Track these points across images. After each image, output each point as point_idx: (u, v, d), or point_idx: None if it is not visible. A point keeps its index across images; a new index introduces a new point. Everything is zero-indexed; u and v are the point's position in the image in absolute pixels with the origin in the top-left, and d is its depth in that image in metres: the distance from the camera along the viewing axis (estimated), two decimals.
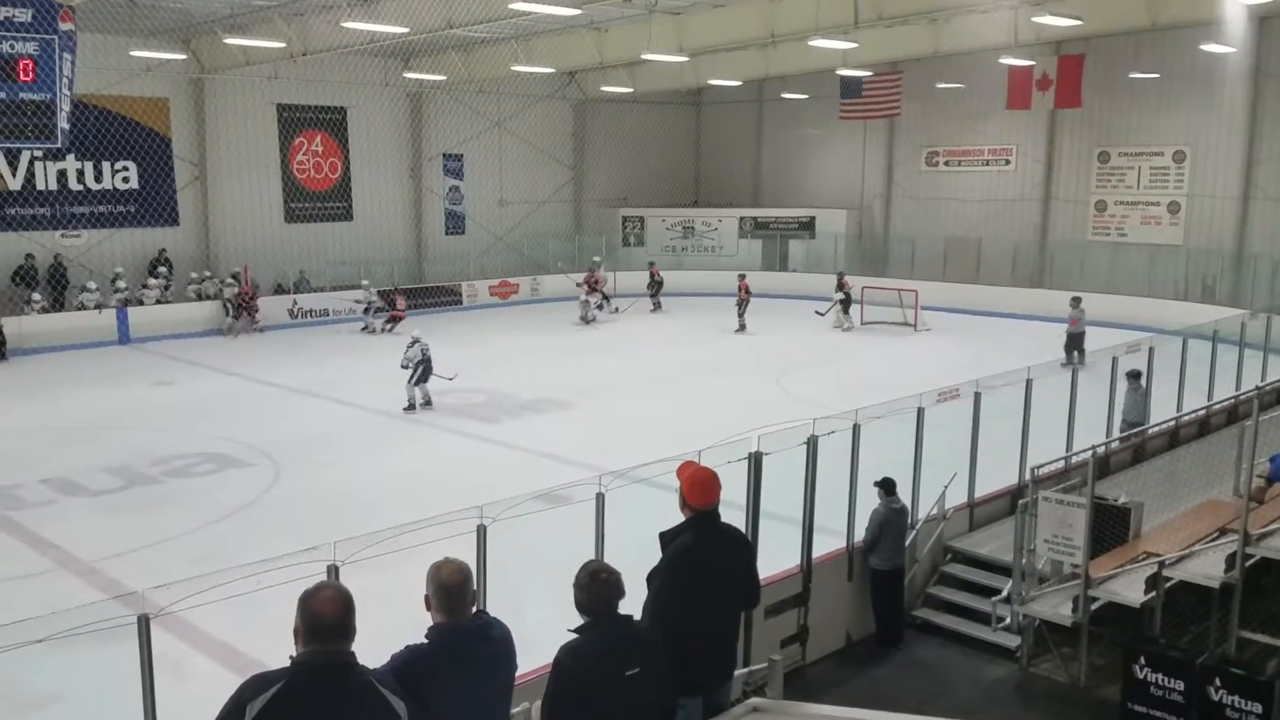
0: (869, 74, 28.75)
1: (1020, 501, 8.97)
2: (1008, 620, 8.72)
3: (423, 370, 17.36)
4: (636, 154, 35.95)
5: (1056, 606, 8.58)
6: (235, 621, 8.14)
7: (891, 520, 9.22)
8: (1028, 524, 8.65)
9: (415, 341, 17.43)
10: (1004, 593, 8.80)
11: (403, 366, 17.45)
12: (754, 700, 5.15)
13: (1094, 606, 8.40)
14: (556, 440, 15.51)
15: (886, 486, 9.32)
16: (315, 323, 26.40)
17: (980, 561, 9.84)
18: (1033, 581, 8.72)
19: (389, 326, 25.62)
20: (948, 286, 29.22)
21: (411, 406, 17.28)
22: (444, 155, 31.82)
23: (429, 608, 3.89)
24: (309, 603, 3.35)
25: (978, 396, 10.30)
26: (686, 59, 25.95)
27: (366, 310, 26.04)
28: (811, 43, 22.34)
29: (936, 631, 9.42)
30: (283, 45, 22.41)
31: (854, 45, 22.88)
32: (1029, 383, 10.79)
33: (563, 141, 34.94)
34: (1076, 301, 21.61)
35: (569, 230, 35.01)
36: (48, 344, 22.73)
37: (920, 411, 9.57)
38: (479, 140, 32.35)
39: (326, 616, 3.32)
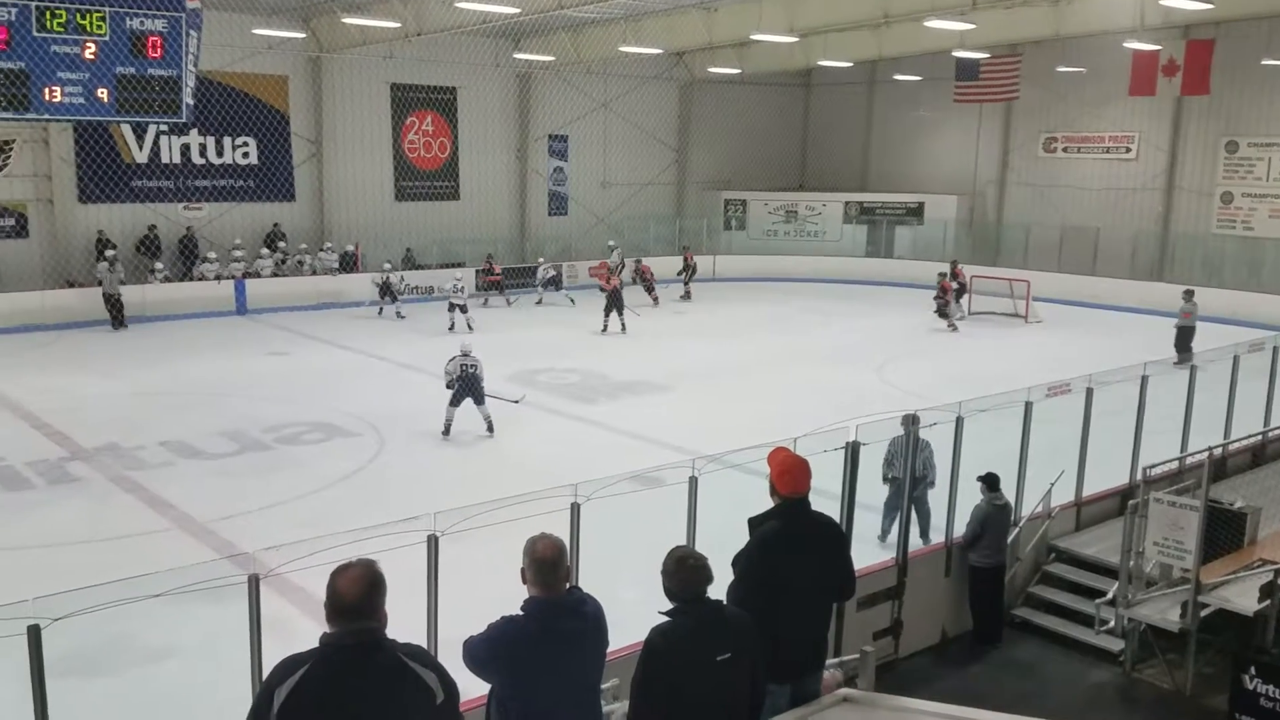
0: (986, 56, 27.97)
1: (1130, 502, 8.66)
2: (1111, 623, 8.45)
3: (461, 389, 14.42)
4: (742, 136, 35.62)
5: (1164, 611, 8.27)
6: None
7: (993, 516, 9.01)
8: (1137, 525, 8.35)
9: (457, 355, 14.58)
10: (1109, 595, 8.53)
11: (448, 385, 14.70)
12: (844, 690, 5.11)
13: (1204, 613, 8.08)
14: (651, 422, 15.55)
15: (989, 482, 9.11)
16: (420, 299, 26.87)
17: (1085, 562, 9.55)
18: (1140, 585, 8.42)
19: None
20: (1062, 277, 28.30)
21: (446, 431, 14.53)
22: (549, 136, 32.07)
23: (525, 581, 3.97)
24: (334, 581, 3.30)
25: (1089, 392, 9.95)
26: (796, 40, 25.59)
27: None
28: (927, 23, 21.85)
29: (1036, 632, 9.18)
30: (398, 25, 22.88)
31: (971, 26, 22.27)
32: (1144, 379, 10.38)
33: (667, 123, 34.87)
34: (1189, 295, 20.76)
35: (670, 213, 34.98)
36: (169, 312, 23.69)
37: (1028, 406, 9.30)
38: (584, 121, 32.52)
39: (347, 596, 3.26)
